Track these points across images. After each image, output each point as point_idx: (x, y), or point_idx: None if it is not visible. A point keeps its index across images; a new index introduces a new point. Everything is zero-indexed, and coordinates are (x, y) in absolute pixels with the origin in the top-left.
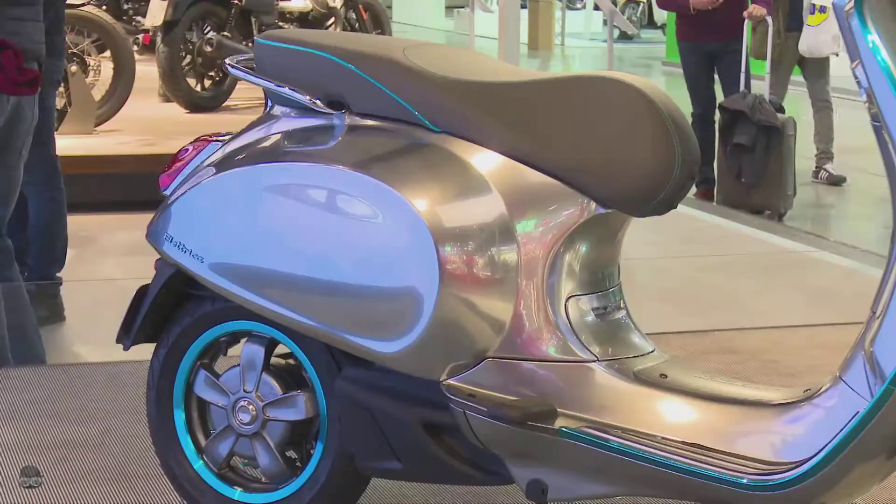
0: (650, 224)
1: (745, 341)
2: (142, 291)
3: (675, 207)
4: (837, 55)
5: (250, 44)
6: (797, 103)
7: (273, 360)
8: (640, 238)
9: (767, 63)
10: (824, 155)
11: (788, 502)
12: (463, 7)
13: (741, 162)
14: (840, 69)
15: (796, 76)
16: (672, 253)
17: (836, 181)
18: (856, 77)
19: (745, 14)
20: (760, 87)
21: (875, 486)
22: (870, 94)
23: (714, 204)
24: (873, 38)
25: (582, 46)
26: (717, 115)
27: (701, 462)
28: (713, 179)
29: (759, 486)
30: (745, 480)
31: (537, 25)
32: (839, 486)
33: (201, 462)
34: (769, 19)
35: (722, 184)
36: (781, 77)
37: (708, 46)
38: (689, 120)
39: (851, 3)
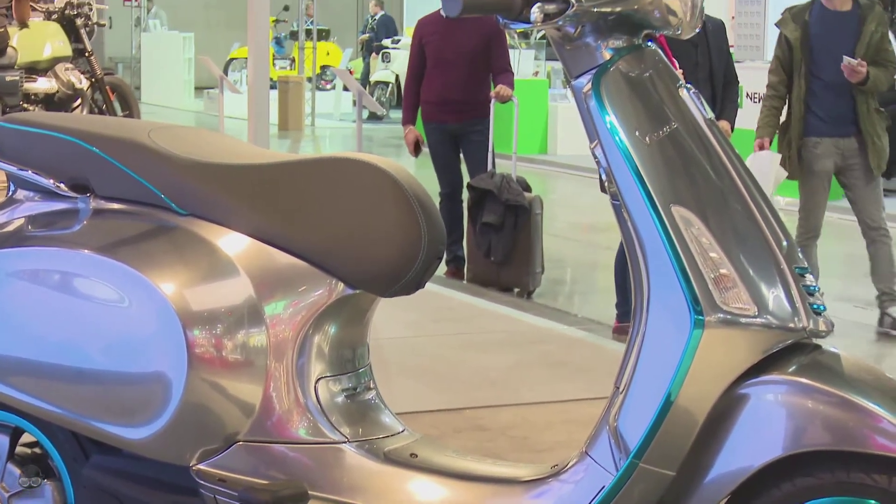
0: (401, 303)
1: (495, 418)
2: None
3: (423, 287)
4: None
5: None
6: (544, 181)
7: (18, 449)
8: (391, 317)
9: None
10: (887, 297)
11: None
12: (212, 88)
13: (490, 240)
14: None
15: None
16: (423, 332)
17: None
18: (595, 157)
19: (492, 95)
20: (505, 165)
21: None
22: (609, 174)
23: (464, 282)
24: (611, 118)
25: (332, 127)
26: (466, 194)
27: None
28: (463, 258)
29: None
30: None
31: (287, 106)
32: None
33: None
34: (515, 100)
35: (472, 262)
36: (810, 204)
37: (451, 127)
38: (438, 200)
39: (589, 85)
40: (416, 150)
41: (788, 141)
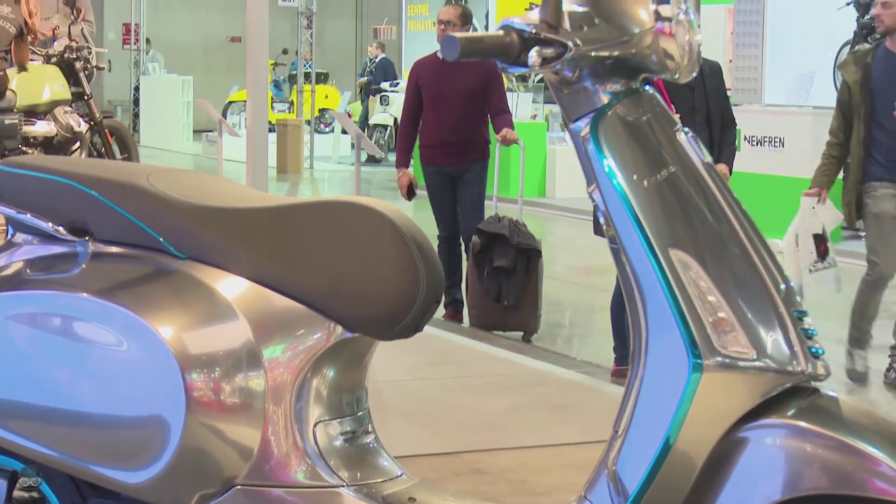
0: (399, 346)
1: (493, 462)
2: None
3: (421, 330)
4: None
5: None
6: (542, 224)
7: (16, 492)
8: (390, 360)
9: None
10: None
11: None
12: (211, 131)
13: (501, 284)
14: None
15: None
16: (421, 375)
17: None
18: (593, 200)
19: (498, 138)
20: (506, 209)
21: None
22: (607, 217)
23: (464, 325)
24: (609, 162)
25: (330, 170)
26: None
27: None
28: (461, 301)
29: None
30: None
31: (286, 149)
32: None
33: None
34: (521, 143)
35: (477, 307)
36: (877, 250)
37: (449, 170)
38: (436, 243)
39: (587, 129)
40: (410, 193)
41: (848, 187)
